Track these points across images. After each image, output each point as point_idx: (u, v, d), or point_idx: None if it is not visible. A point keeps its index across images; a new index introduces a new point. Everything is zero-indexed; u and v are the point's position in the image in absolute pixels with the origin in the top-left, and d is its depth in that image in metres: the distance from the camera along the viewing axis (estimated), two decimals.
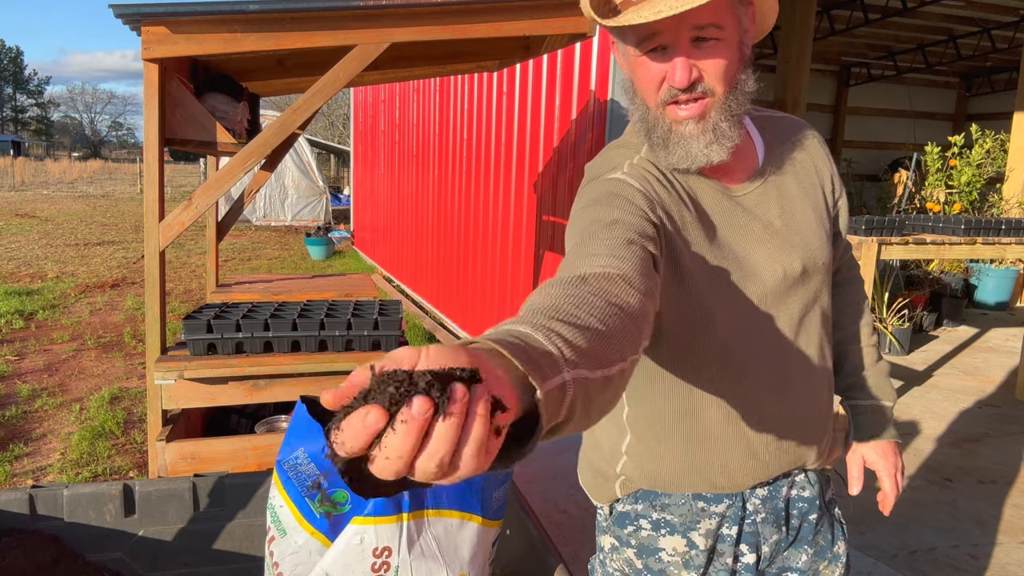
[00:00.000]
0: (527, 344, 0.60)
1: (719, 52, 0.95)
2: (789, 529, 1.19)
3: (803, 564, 1.20)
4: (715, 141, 1.00)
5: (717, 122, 0.99)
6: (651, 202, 1.00)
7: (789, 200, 1.12)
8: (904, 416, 4.40)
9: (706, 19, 0.93)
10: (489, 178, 5.69)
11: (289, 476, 1.12)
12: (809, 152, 1.17)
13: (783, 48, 6.38)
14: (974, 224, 4.31)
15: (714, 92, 0.98)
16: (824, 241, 1.13)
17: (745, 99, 1.02)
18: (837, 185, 1.19)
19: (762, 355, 1.10)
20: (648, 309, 0.81)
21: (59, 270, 9.26)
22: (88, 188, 26.77)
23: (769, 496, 1.17)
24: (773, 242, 1.09)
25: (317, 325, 2.45)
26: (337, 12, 2.37)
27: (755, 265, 1.07)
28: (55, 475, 3.48)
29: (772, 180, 1.12)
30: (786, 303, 1.10)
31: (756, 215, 1.09)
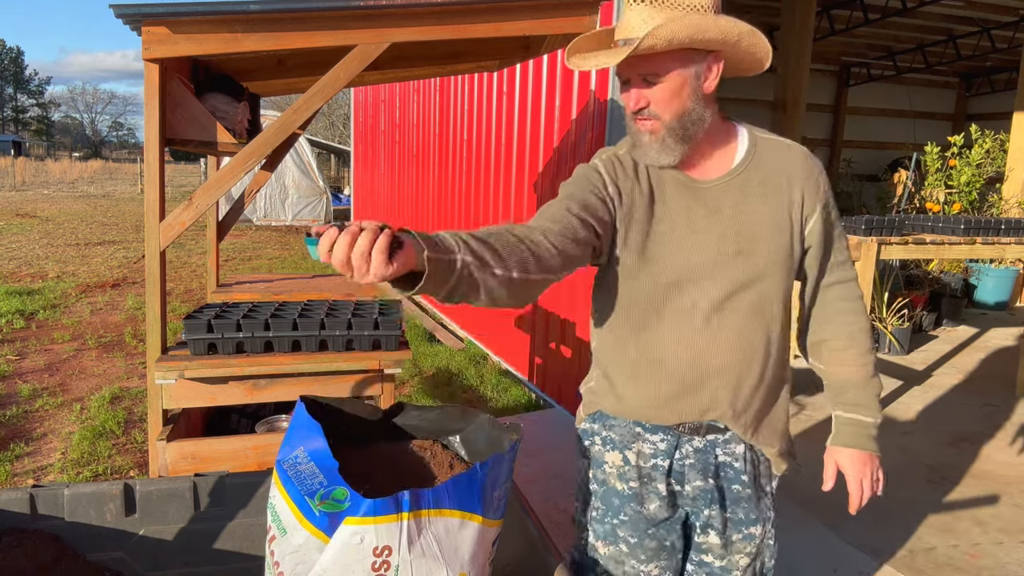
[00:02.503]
0: (438, 238, 1.06)
1: (661, 92, 1.30)
2: (717, 488, 1.47)
3: (721, 524, 1.48)
4: (662, 151, 1.34)
5: (664, 138, 1.33)
6: (607, 182, 1.38)
7: (746, 201, 1.39)
8: (904, 416, 4.40)
9: (648, 69, 1.29)
10: (489, 178, 5.69)
11: (289, 475, 1.12)
12: (788, 171, 1.41)
13: (783, 48, 6.38)
14: (974, 224, 4.31)
15: (660, 117, 1.31)
16: (773, 243, 1.39)
17: (696, 125, 1.33)
18: (812, 207, 1.42)
19: (683, 318, 1.39)
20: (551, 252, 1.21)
21: (60, 270, 9.26)
22: (89, 188, 26.77)
23: (702, 449, 1.46)
24: (716, 228, 1.38)
25: (317, 325, 2.46)
26: (337, 12, 2.37)
27: (698, 237, 1.37)
28: (56, 475, 3.49)
29: (737, 182, 1.39)
30: (715, 278, 1.38)
31: (709, 204, 1.38)
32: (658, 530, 1.47)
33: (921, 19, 8.16)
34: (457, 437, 1.46)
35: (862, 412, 1.51)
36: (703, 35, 1.26)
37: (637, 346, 1.43)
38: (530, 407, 4.54)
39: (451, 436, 1.46)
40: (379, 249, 0.94)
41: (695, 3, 1.28)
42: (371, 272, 0.95)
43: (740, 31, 1.31)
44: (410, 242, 0.99)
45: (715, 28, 1.27)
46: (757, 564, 1.55)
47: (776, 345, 1.45)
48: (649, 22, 1.26)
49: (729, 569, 1.51)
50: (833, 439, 1.54)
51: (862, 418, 1.51)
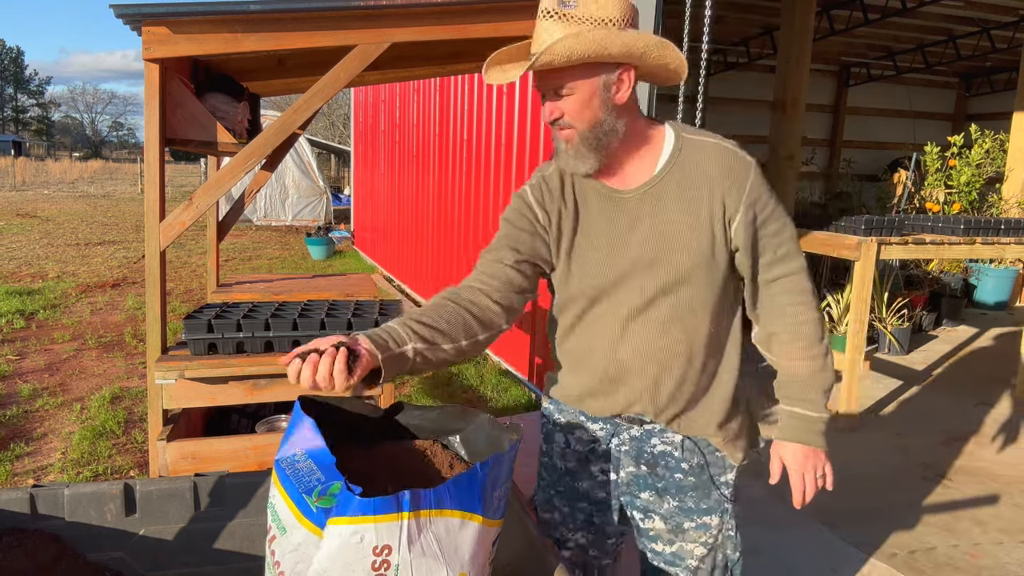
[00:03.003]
0: (390, 333, 1.28)
1: (572, 103, 1.35)
2: (653, 475, 1.54)
3: (666, 512, 1.55)
4: (578, 158, 1.39)
5: (579, 146, 1.38)
6: (535, 209, 1.48)
7: (665, 208, 1.42)
8: (904, 416, 4.40)
9: (556, 82, 1.34)
10: (489, 178, 5.69)
11: (287, 474, 1.12)
12: (709, 173, 1.41)
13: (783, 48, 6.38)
14: (973, 224, 4.31)
15: (573, 126, 1.37)
16: (692, 249, 1.41)
17: (608, 136, 1.38)
18: (735, 207, 1.41)
19: (604, 324, 1.48)
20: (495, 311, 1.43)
21: (60, 270, 9.26)
22: (89, 188, 26.77)
23: (639, 438, 1.54)
24: (634, 239, 1.43)
25: (318, 325, 2.46)
26: (337, 12, 2.37)
27: (615, 244, 1.44)
28: (56, 474, 3.49)
29: (656, 189, 1.43)
30: (631, 288, 1.44)
31: (629, 214, 1.43)
32: (588, 505, 1.63)
33: (921, 19, 8.16)
34: (457, 437, 1.46)
35: (807, 407, 1.50)
36: (604, 50, 1.28)
37: (572, 340, 1.55)
38: (530, 407, 4.54)
39: (451, 436, 1.46)
40: (338, 371, 1.15)
41: (602, 17, 1.29)
42: (336, 388, 1.16)
43: (646, 44, 1.32)
44: (366, 350, 1.21)
45: (617, 43, 1.29)
46: (718, 556, 1.58)
47: (703, 347, 1.47)
48: (554, 36, 1.29)
49: (682, 556, 1.57)
50: (779, 433, 1.55)
51: (806, 412, 1.50)
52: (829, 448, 1.51)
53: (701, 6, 3.27)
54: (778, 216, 1.46)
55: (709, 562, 1.58)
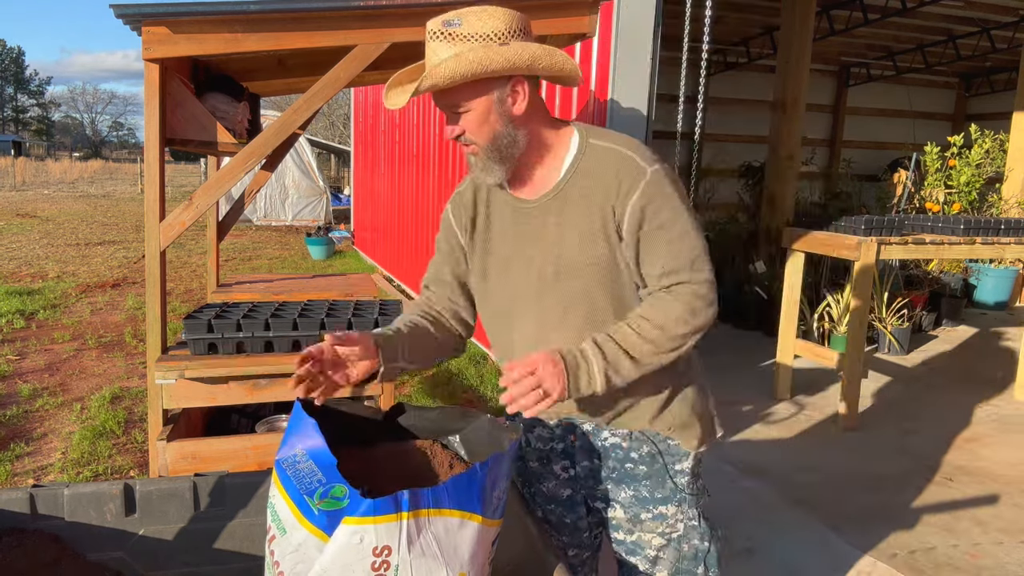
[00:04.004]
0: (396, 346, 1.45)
1: (471, 120, 1.37)
2: (604, 466, 1.57)
3: (624, 500, 1.57)
4: (486, 171, 1.42)
5: (484, 160, 1.41)
6: (455, 227, 1.57)
7: (565, 216, 1.43)
8: (904, 416, 4.40)
9: (450, 101, 1.36)
10: None
11: (288, 475, 1.12)
12: (604, 179, 1.40)
13: (783, 48, 6.38)
14: (973, 224, 4.31)
15: (475, 142, 1.39)
16: (592, 257, 1.41)
17: (510, 147, 1.39)
18: (621, 213, 1.39)
19: (518, 336, 1.50)
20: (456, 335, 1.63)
21: (60, 270, 9.26)
22: (89, 188, 26.77)
23: (591, 432, 1.57)
24: (538, 250, 1.45)
25: (318, 325, 2.46)
26: (337, 12, 2.37)
27: (520, 254, 1.47)
28: (56, 474, 3.49)
29: (558, 197, 1.43)
30: (539, 301, 1.46)
31: (534, 224, 1.46)
32: (557, 507, 1.67)
33: (921, 19, 8.15)
34: (457, 437, 1.46)
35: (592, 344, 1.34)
36: (484, 68, 1.29)
37: (498, 347, 1.60)
38: None
39: (451, 436, 1.46)
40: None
41: (483, 32, 1.30)
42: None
43: (531, 56, 1.32)
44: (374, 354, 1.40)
45: (498, 59, 1.29)
46: (686, 547, 1.58)
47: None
48: (441, 56, 1.30)
49: (642, 546, 1.58)
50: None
51: (587, 346, 1.34)
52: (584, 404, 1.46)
53: (701, 6, 3.27)
54: (674, 226, 1.38)
55: (671, 553, 1.58)
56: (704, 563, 1.60)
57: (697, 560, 1.60)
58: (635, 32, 3.49)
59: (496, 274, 1.51)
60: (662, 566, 1.59)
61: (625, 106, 3.61)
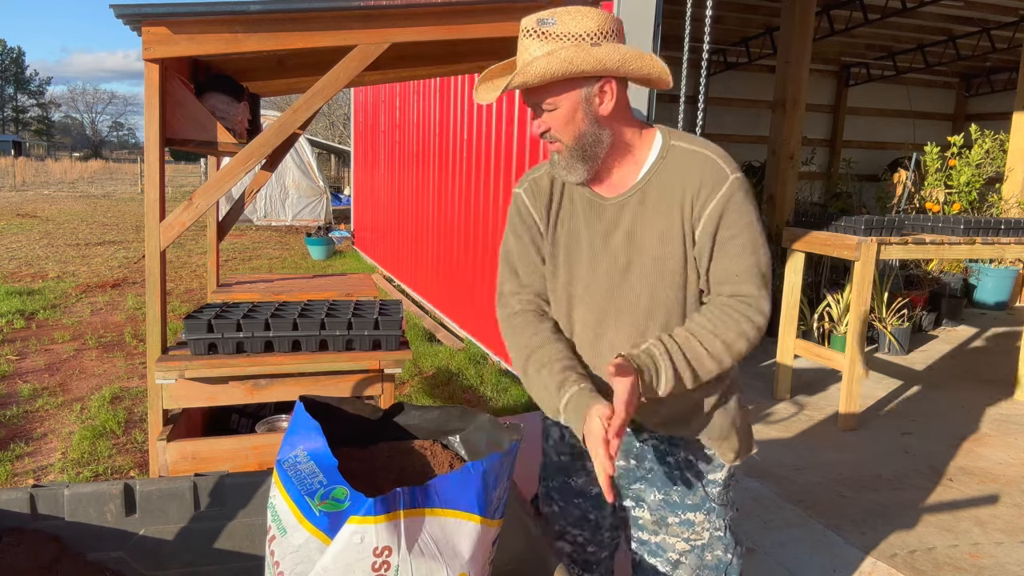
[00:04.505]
0: (588, 385, 1.42)
1: (557, 117, 1.38)
2: (640, 467, 1.58)
3: (652, 502, 1.59)
4: (569, 169, 1.44)
5: (568, 158, 1.42)
6: (532, 214, 1.56)
7: (643, 215, 1.44)
8: (904, 416, 4.40)
9: (538, 98, 1.38)
10: (489, 178, 5.69)
11: (289, 475, 1.12)
12: (685, 181, 1.41)
13: (783, 48, 6.38)
14: (973, 224, 4.31)
15: (560, 139, 1.41)
16: (664, 256, 1.43)
17: (595, 146, 1.41)
18: (698, 217, 1.41)
19: (582, 327, 1.52)
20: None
21: (60, 270, 9.26)
22: (89, 188, 26.77)
23: (629, 433, 1.57)
24: (611, 245, 1.47)
25: (318, 325, 2.46)
26: (337, 12, 2.37)
27: (594, 250, 1.49)
28: (56, 474, 3.49)
29: (637, 196, 1.45)
30: (605, 295, 1.47)
31: (609, 220, 1.47)
32: (583, 501, 1.67)
33: (921, 19, 8.16)
34: (457, 437, 1.46)
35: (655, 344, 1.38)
36: (575, 68, 1.30)
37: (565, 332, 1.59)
38: (530, 407, 4.54)
39: (451, 436, 1.47)
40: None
41: (578, 32, 1.31)
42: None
43: (622, 58, 1.33)
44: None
45: (589, 60, 1.30)
46: (708, 557, 1.58)
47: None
48: (533, 54, 1.32)
49: (664, 549, 1.59)
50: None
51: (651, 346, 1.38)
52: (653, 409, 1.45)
53: (701, 7, 3.27)
54: (744, 243, 1.40)
55: (693, 559, 1.59)
56: (725, 574, 1.60)
57: (718, 571, 1.60)
58: (635, 32, 3.49)
59: (565, 264, 1.53)
60: (682, 571, 1.59)
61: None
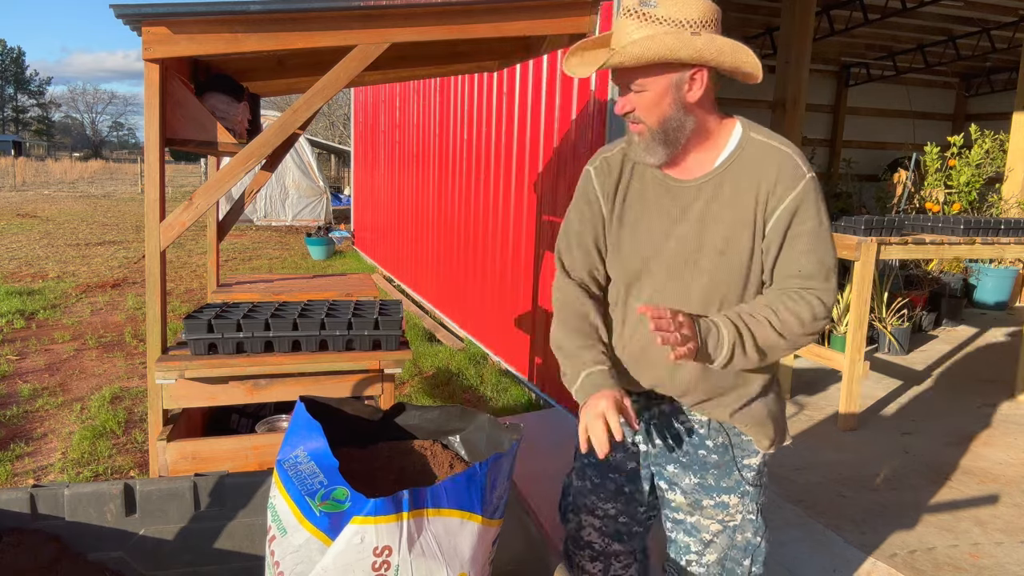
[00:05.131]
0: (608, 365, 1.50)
1: (644, 99, 1.41)
2: (678, 450, 1.63)
3: (687, 486, 1.63)
4: (648, 151, 1.45)
5: (649, 140, 1.44)
6: (598, 191, 1.57)
7: (716, 203, 1.46)
8: (904, 416, 4.40)
9: (630, 79, 1.40)
10: (489, 178, 5.69)
11: (289, 475, 1.12)
12: (761, 175, 1.44)
13: (783, 48, 6.38)
14: (973, 224, 4.31)
15: (644, 122, 1.43)
16: (732, 245, 1.45)
17: (678, 131, 1.43)
18: (773, 211, 1.43)
19: (648, 292, 1.53)
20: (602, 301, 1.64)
21: (60, 270, 9.26)
22: (89, 188, 26.77)
23: (669, 413, 1.63)
24: (681, 228, 1.48)
25: (318, 325, 2.46)
26: (337, 12, 2.37)
27: (664, 230, 1.50)
28: (56, 474, 3.49)
29: (712, 183, 1.47)
30: (669, 274, 1.49)
31: (681, 204, 1.48)
32: (619, 476, 1.70)
33: (921, 19, 8.16)
34: (457, 437, 1.46)
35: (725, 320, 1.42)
36: (673, 55, 1.32)
37: (615, 312, 1.61)
38: (530, 407, 4.54)
39: (451, 436, 1.47)
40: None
41: (680, 18, 1.33)
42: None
43: (718, 50, 1.34)
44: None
45: (688, 48, 1.32)
46: (739, 538, 1.63)
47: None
48: (632, 35, 1.35)
49: (699, 529, 1.64)
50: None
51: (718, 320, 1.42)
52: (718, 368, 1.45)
53: None
54: (818, 234, 1.43)
55: (724, 539, 1.63)
56: (752, 556, 1.64)
57: (747, 552, 1.64)
58: None
59: (630, 242, 1.54)
60: (713, 549, 1.64)
61: None
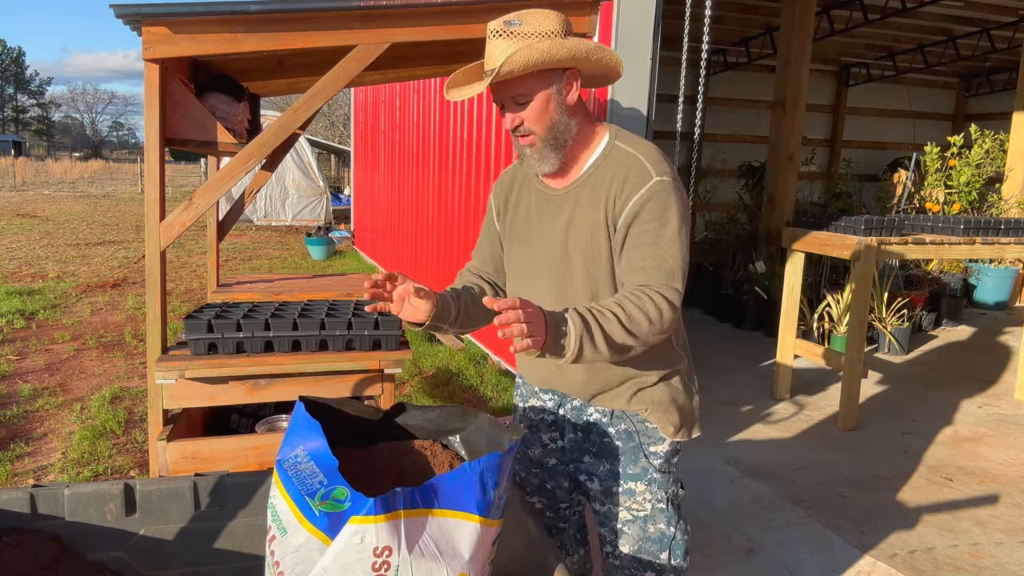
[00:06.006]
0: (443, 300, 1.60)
1: (531, 110, 1.50)
2: (588, 441, 1.71)
3: (601, 473, 1.71)
4: (542, 160, 1.56)
5: (541, 148, 1.54)
6: (493, 208, 1.80)
7: (578, 207, 1.57)
8: (904, 416, 4.40)
9: (515, 91, 1.49)
10: (489, 178, 5.69)
11: (289, 475, 1.12)
12: (613, 177, 1.53)
13: (783, 48, 6.38)
14: (973, 224, 4.31)
15: (534, 131, 1.52)
16: (592, 247, 1.55)
17: (565, 134, 1.54)
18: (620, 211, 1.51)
19: (535, 289, 1.65)
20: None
21: (60, 270, 9.26)
22: (89, 188, 26.77)
23: (579, 407, 1.72)
24: (552, 233, 1.61)
25: (318, 325, 2.46)
26: (337, 12, 2.37)
27: (539, 234, 1.65)
28: (56, 474, 3.49)
29: (576, 189, 1.59)
30: (551, 270, 1.62)
31: (554, 211, 1.62)
32: (541, 471, 1.81)
33: (921, 19, 8.15)
34: (457, 437, 1.46)
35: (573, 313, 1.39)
36: (554, 56, 1.44)
37: None
38: None
39: (451, 436, 1.47)
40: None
41: (543, 30, 1.46)
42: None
43: (588, 48, 1.48)
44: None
45: (564, 49, 1.44)
46: (651, 529, 1.69)
47: None
48: (507, 52, 1.44)
49: (611, 518, 1.71)
50: None
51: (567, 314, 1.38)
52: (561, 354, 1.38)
53: (701, 7, 3.27)
54: (662, 232, 1.47)
55: (636, 530, 1.69)
56: (670, 550, 1.69)
57: (662, 545, 1.69)
58: (635, 32, 3.48)
59: (519, 249, 1.71)
60: (625, 540, 1.71)
61: (625, 106, 3.61)
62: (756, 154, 8.88)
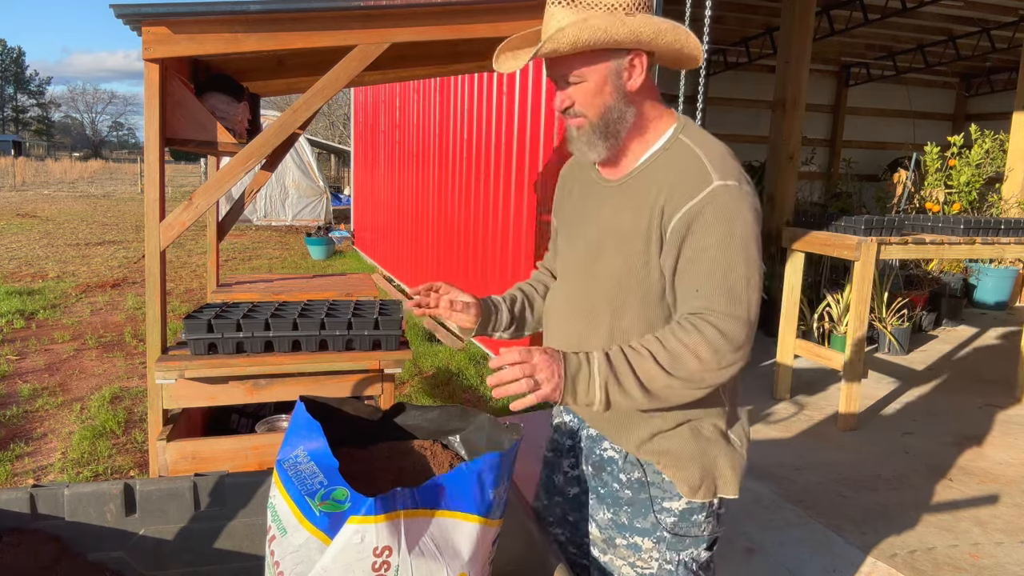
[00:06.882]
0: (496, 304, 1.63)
1: (584, 90, 1.31)
2: (597, 479, 1.49)
3: (601, 521, 1.48)
4: (589, 146, 1.36)
5: (589, 134, 1.35)
6: (558, 185, 1.62)
7: (622, 205, 1.38)
8: (904, 416, 4.40)
9: (566, 69, 1.31)
10: (489, 178, 5.69)
11: (289, 475, 1.12)
12: (668, 181, 1.31)
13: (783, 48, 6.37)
14: (973, 224, 4.31)
15: (584, 115, 1.33)
16: (626, 246, 1.35)
17: (619, 123, 1.34)
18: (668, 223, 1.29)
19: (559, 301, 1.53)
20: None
21: (60, 270, 9.26)
22: (89, 188, 26.77)
23: (594, 438, 1.50)
24: (598, 220, 1.43)
25: (318, 325, 2.46)
26: (337, 12, 2.37)
27: (581, 230, 1.47)
28: (56, 474, 3.49)
29: (626, 185, 1.39)
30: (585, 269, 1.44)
31: (603, 204, 1.43)
32: (563, 500, 1.61)
33: (921, 19, 8.15)
34: (457, 437, 1.46)
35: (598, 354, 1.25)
36: (609, 37, 1.23)
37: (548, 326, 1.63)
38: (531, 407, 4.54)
39: (451, 436, 1.46)
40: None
41: (610, 3, 1.24)
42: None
43: (656, 30, 1.26)
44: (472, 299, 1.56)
45: (623, 29, 1.23)
46: None
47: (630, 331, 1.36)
48: (562, 22, 1.25)
49: (610, 571, 1.48)
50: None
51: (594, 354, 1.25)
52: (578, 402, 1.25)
53: (701, 7, 3.27)
54: (722, 251, 1.23)
55: None
56: None
57: None
58: None
59: (564, 247, 1.54)
60: None
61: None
62: (756, 154, 8.88)
